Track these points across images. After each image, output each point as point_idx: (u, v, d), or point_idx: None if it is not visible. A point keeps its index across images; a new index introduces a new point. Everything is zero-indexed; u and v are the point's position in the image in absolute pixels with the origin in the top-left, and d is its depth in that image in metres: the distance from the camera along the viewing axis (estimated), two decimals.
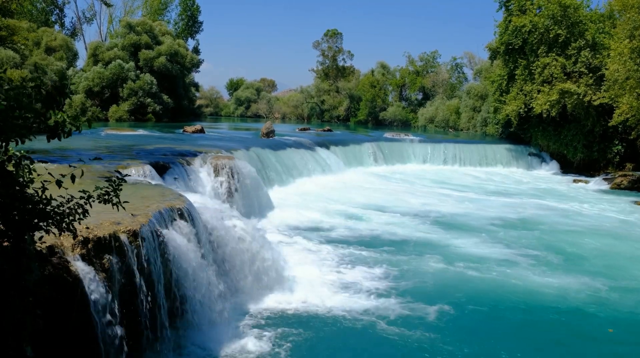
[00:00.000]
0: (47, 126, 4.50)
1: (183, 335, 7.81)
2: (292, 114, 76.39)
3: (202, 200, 10.36)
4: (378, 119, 65.52)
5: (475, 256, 13.12)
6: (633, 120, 26.65)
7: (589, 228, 17.13)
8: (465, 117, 52.34)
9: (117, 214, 6.53)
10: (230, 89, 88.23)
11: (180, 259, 7.74)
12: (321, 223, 15.84)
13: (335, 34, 74.13)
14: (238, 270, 9.57)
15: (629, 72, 25.50)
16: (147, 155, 15.84)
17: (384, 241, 14.27)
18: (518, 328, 9.28)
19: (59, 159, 12.91)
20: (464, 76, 66.46)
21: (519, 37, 31.92)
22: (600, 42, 30.43)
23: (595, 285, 11.26)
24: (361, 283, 10.81)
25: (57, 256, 5.82)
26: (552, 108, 30.28)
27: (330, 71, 74.67)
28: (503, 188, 25.33)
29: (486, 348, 8.31)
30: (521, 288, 10.96)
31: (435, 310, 9.54)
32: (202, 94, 75.53)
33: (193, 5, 67.52)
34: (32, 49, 46.50)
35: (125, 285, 6.68)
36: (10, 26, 27.84)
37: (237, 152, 19.05)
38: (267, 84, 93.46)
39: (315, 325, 8.76)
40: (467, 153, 33.62)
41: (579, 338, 8.95)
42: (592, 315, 9.81)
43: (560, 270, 12.28)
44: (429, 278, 11.40)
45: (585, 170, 31.46)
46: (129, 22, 50.74)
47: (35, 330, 4.57)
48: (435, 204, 19.98)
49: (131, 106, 45.56)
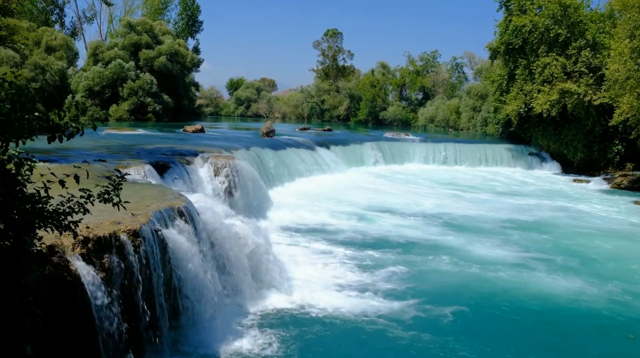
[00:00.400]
0: (49, 128, 4.49)
1: (183, 334, 7.81)
2: (292, 113, 76.38)
3: (202, 200, 10.34)
4: (378, 118, 65.51)
5: (487, 258, 12.94)
6: (633, 120, 26.65)
7: (598, 229, 16.99)
8: (466, 117, 52.32)
9: (117, 213, 6.53)
10: (230, 89, 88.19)
11: (180, 259, 7.74)
12: (322, 223, 15.84)
13: (335, 34, 74.10)
14: (238, 270, 9.56)
15: (629, 72, 25.49)
16: (147, 155, 15.83)
17: (386, 242, 14.23)
18: (531, 331, 9.12)
19: (59, 159, 12.91)
20: (464, 76, 66.48)
21: (519, 36, 31.91)
22: (600, 42, 30.43)
23: (610, 288, 11.08)
24: (364, 284, 10.74)
25: (57, 256, 5.82)
26: (552, 108, 30.28)
27: (331, 71, 74.65)
28: (506, 188, 25.30)
29: (499, 352, 8.21)
30: (535, 291, 10.78)
31: (444, 312, 9.50)
32: (202, 94, 75.51)
33: (193, 4, 67.51)
34: (32, 49, 46.49)
35: (125, 285, 6.68)
36: (10, 26, 27.84)
37: (237, 152, 19.04)
38: (267, 83, 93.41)
39: (314, 326, 8.75)
40: (467, 153, 33.63)
41: (598, 343, 8.77)
42: (609, 319, 9.62)
43: (574, 272, 12.07)
44: (436, 279, 11.32)
45: (585, 170, 31.45)
46: (130, 22, 50.72)
47: (35, 329, 4.57)
48: (438, 204, 19.96)
49: (131, 105, 45.55)
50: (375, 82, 66.62)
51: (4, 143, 4.41)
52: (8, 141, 4.41)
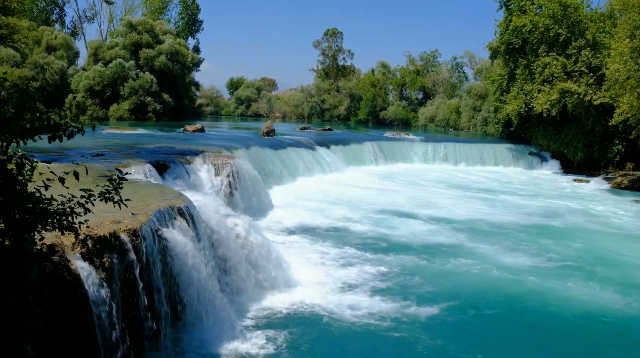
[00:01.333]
0: (49, 127, 4.49)
1: (183, 334, 7.81)
2: (292, 113, 76.42)
3: (203, 199, 10.35)
4: (378, 118, 65.53)
5: (497, 263, 12.79)
6: (633, 120, 26.64)
7: (598, 229, 16.92)
8: (466, 116, 52.34)
9: (118, 213, 6.53)
10: (230, 88, 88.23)
11: (180, 258, 7.74)
12: (322, 223, 15.81)
13: (335, 33, 74.14)
14: (238, 270, 9.56)
15: (630, 72, 25.48)
16: (147, 154, 15.83)
17: (387, 241, 14.22)
18: (548, 336, 8.94)
19: (59, 158, 12.91)
20: (465, 76, 66.52)
21: (519, 36, 31.91)
22: (600, 41, 30.42)
23: (634, 293, 10.91)
24: (366, 285, 10.68)
25: (57, 255, 5.82)
26: (552, 108, 30.28)
27: (331, 70, 74.68)
28: (506, 188, 25.26)
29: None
30: (556, 297, 10.53)
31: (443, 313, 9.51)
32: (202, 93, 75.57)
33: (193, 4, 67.56)
34: (33, 48, 46.54)
35: (126, 284, 6.68)
36: (10, 24, 27.82)
37: (237, 151, 19.04)
38: (268, 83, 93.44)
39: (314, 327, 8.73)
40: (467, 153, 33.62)
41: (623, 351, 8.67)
42: (634, 326, 9.45)
43: (596, 278, 11.79)
44: (435, 281, 11.25)
45: (585, 170, 31.44)
46: (130, 21, 50.74)
47: (35, 329, 4.57)
48: (435, 203, 19.97)
49: (132, 105, 45.58)
50: (375, 81, 66.65)
51: (4, 142, 4.41)
52: (10, 142, 4.41)
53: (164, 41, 50.36)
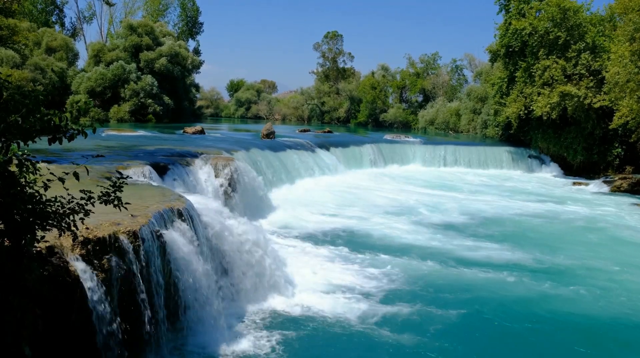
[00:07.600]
0: (50, 129, 4.50)
1: (182, 335, 7.81)
2: (292, 115, 76.40)
3: (202, 201, 10.35)
4: (378, 120, 65.54)
5: (487, 262, 12.87)
6: (633, 123, 26.65)
7: (607, 233, 16.91)
8: (466, 119, 52.32)
9: (117, 214, 6.54)
10: (230, 91, 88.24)
11: (179, 260, 7.74)
12: (321, 225, 15.82)
13: (335, 36, 74.14)
14: (237, 271, 9.56)
15: (630, 75, 25.51)
16: (147, 156, 15.83)
17: (384, 244, 14.23)
18: (549, 337, 9.03)
19: (59, 159, 12.91)
20: (465, 78, 66.44)
21: (519, 39, 31.98)
22: (600, 44, 30.47)
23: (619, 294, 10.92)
24: (366, 288, 10.67)
25: (57, 257, 5.82)
26: (552, 111, 30.30)
27: (331, 73, 74.68)
28: (507, 191, 25.25)
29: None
30: (558, 300, 10.57)
31: (441, 314, 9.52)
32: (202, 95, 75.61)
33: (193, 6, 67.67)
34: (33, 49, 46.59)
35: (125, 286, 6.68)
36: (11, 26, 27.88)
37: (237, 153, 19.05)
38: (268, 85, 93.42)
39: (314, 329, 8.74)
40: (467, 155, 33.62)
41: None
42: (621, 330, 9.42)
43: (597, 281, 11.76)
44: (432, 283, 11.29)
45: (585, 173, 31.45)
46: (131, 24, 50.82)
47: (35, 330, 4.57)
48: (432, 205, 19.98)
49: (132, 106, 45.62)
50: (375, 84, 66.64)
51: (4, 143, 4.42)
52: (10, 143, 4.43)
53: (164, 43, 50.43)
